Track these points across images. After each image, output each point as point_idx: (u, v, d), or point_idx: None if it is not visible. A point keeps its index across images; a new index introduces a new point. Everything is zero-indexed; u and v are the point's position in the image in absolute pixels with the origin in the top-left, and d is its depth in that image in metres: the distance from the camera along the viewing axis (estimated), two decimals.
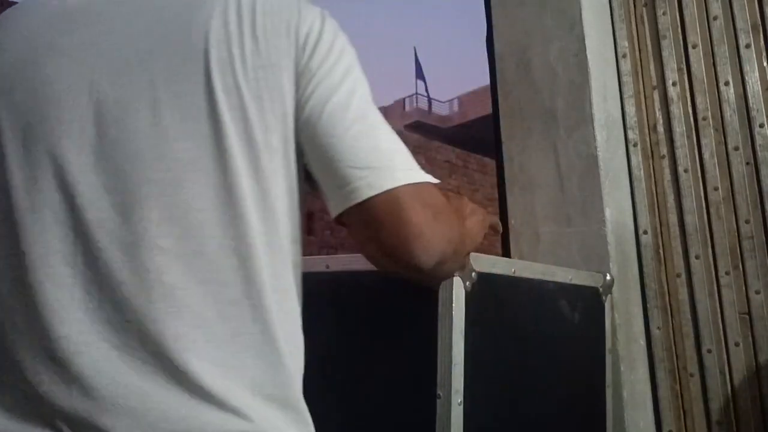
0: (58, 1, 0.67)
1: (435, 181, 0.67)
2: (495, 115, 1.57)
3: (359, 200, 0.61)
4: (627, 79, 1.50)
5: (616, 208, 1.39)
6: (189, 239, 0.58)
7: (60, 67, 0.63)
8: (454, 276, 0.81)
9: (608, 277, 1.22)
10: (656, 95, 1.47)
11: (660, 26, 1.48)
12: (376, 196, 0.61)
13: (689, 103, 1.43)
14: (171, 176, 0.59)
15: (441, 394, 0.79)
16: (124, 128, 0.60)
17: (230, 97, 0.61)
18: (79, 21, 0.65)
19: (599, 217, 1.35)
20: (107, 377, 0.56)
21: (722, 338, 1.32)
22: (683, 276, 1.38)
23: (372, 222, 0.62)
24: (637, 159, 1.47)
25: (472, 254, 0.84)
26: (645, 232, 1.43)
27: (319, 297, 0.98)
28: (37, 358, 0.58)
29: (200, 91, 0.60)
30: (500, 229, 0.96)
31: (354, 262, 0.91)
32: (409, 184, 0.62)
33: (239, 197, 0.60)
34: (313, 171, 0.66)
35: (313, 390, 0.95)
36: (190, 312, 0.57)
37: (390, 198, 0.61)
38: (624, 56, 1.51)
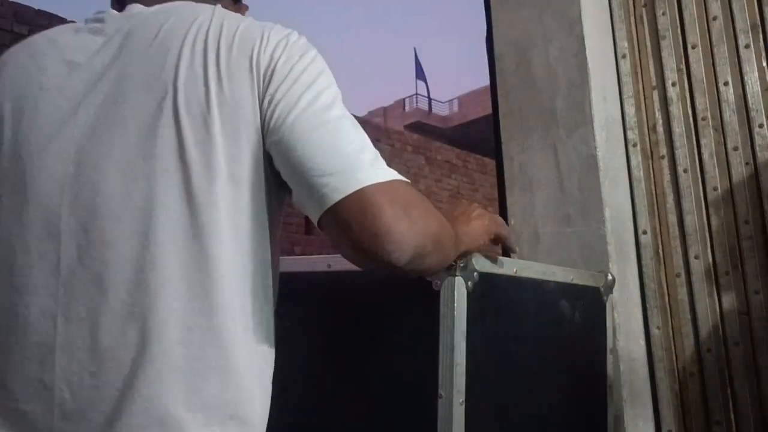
0: (48, 46, 0.72)
1: (404, 179, 0.67)
2: (495, 115, 1.57)
3: (327, 206, 0.63)
4: (626, 80, 1.50)
5: (616, 208, 1.39)
6: (157, 272, 0.62)
7: (50, 106, 0.68)
8: (455, 276, 0.81)
9: (609, 277, 1.22)
10: (656, 95, 1.47)
11: (659, 26, 1.48)
12: (343, 199, 0.62)
13: (689, 103, 1.43)
14: (140, 214, 0.63)
15: (443, 394, 0.80)
16: (98, 168, 0.64)
17: (197, 135, 0.64)
18: (68, 64, 0.70)
19: (599, 217, 1.35)
20: (85, 402, 0.61)
21: (722, 338, 1.33)
22: (683, 276, 1.38)
23: (342, 225, 0.63)
24: (636, 159, 1.47)
25: (474, 254, 0.84)
26: (644, 232, 1.43)
27: (321, 296, 0.98)
28: (27, 383, 0.62)
29: (170, 132, 0.64)
30: (514, 248, 0.96)
31: None
32: (374, 184, 0.63)
33: (204, 231, 0.63)
34: (291, 187, 0.68)
35: (315, 389, 0.95)
36: (158, 340, 0.61)
37: (356, 199, 0.62)
38: (623, 56, 1.51)
